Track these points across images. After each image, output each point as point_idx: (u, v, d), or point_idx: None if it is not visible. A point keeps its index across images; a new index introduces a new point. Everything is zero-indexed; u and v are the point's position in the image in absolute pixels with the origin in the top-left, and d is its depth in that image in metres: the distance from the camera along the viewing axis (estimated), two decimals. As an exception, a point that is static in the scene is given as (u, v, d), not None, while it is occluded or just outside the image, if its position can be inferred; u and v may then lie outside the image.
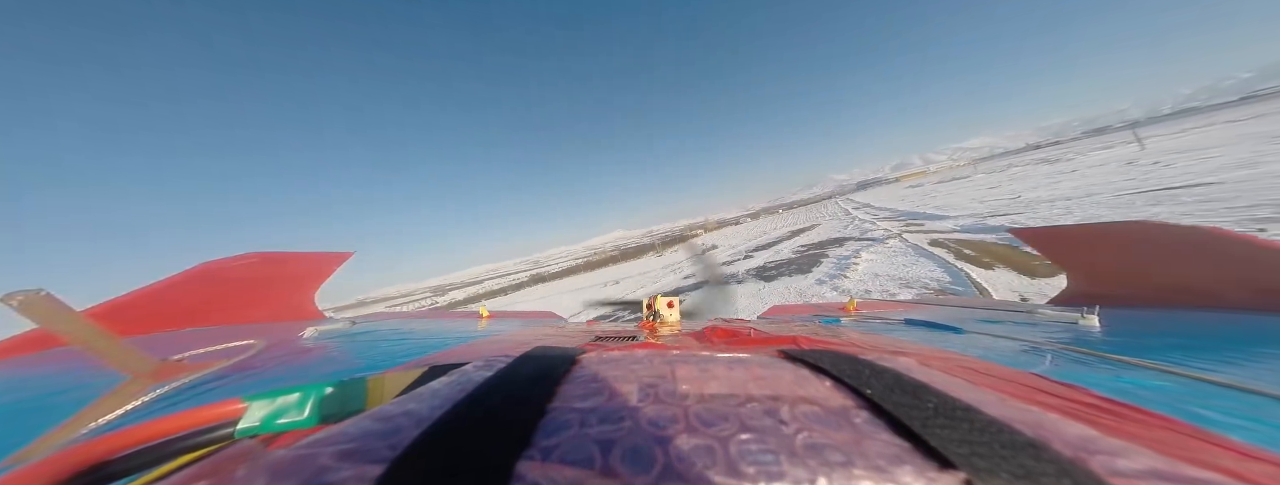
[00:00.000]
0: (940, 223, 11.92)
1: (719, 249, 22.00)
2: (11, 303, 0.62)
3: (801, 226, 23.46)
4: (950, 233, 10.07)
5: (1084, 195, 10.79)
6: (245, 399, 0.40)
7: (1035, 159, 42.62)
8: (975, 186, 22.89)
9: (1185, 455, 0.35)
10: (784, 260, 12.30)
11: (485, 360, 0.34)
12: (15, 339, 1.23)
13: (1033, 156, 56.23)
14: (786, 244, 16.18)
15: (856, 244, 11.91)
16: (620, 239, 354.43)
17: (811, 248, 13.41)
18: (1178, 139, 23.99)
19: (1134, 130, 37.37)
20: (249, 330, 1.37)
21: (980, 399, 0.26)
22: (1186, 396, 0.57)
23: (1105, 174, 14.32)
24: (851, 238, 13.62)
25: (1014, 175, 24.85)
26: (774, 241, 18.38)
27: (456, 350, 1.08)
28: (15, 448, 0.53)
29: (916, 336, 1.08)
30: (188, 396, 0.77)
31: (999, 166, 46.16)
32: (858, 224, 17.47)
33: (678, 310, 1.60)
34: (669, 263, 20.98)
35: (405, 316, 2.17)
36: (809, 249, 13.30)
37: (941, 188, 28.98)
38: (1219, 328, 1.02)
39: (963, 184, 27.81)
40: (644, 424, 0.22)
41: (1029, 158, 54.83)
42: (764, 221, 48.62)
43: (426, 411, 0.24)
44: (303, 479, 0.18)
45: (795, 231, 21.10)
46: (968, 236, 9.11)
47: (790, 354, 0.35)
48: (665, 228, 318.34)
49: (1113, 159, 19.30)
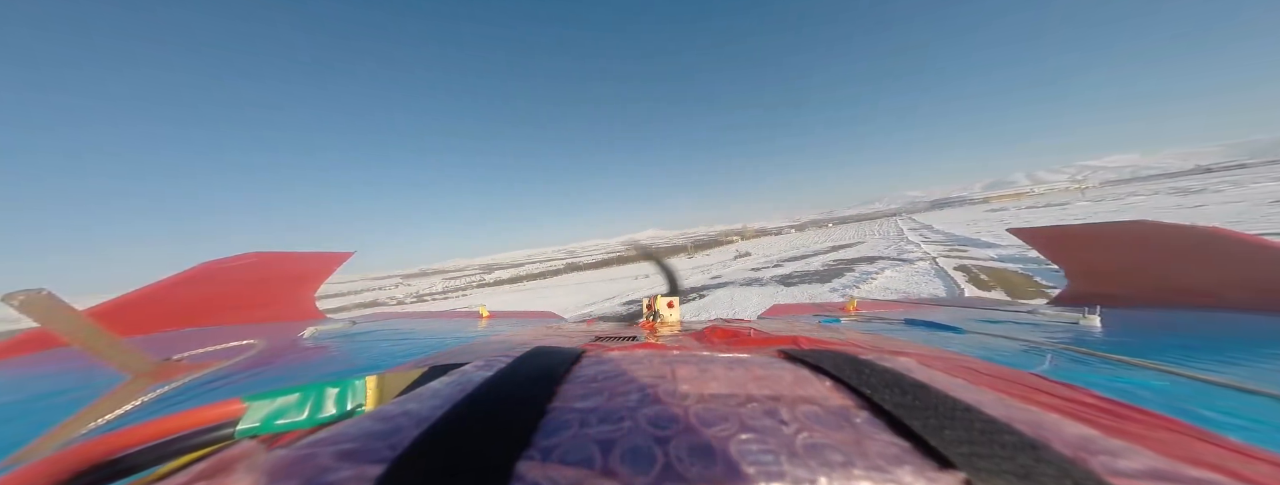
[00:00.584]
0: (984, 250, 11.74)
1: (752, 256, 22.13)
2: (12, 302, 0.62)
3: (843, 242, 23.04)
4: (984, 260, 10.06)
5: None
6: (245, 399, 0.40)
7: (1173, 188, 36.89)
8: (1067, 214, 21.03)
9: (1185, 455, 0.35)
10: (810, 270, 12.78)
11: (485, 360, 0.34)
12: (15, 339, 1.23)
13: (1175, 184, 47.70)
14: (819, 257, 16.35)
15: (886, 263, 12.05)
16: (653, 238, 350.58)
17: (842, 263, 13.62)
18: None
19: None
20: (249, 330, 1.37)
21: (980, 399, 0.26)
22: (1186, 396, 0.57)
23: (1234, 212, 12.47)
24: (886, 257, 13.58)
25: (1126, 205, 22.61)
26: (809, 254, 18.43)
27: (456, 350, 1.08)
28: (15, 448, 0.53)
29: (916, 336, 1.07)
30: (188, 396, 0.77)
31: (1122, 193, 41.44)
32: (900, 245, 17.09)
33: (678, 310, 1.60)
34: (698, 264, 21.24)
35: (405, 316, 2.17)
36: (839, 264, 13.48)
37: (1025, 214, 26.44)
38: (1219, 328, 1.02)
39: (1054, 211, 25.21)
40: (644, 424, 0.22)
41: (1167, 185, 47.72)
42: (808, 234, 47.25)
43: (426, 411, 0.24)
44: (303, 479, 0.18)
45: (835, 247, 20.88)
46: (998, 265, 9.20)
47: (790, 354, 0.35)
48: (701, 231, 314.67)
49: (1266, 195, 16.39)
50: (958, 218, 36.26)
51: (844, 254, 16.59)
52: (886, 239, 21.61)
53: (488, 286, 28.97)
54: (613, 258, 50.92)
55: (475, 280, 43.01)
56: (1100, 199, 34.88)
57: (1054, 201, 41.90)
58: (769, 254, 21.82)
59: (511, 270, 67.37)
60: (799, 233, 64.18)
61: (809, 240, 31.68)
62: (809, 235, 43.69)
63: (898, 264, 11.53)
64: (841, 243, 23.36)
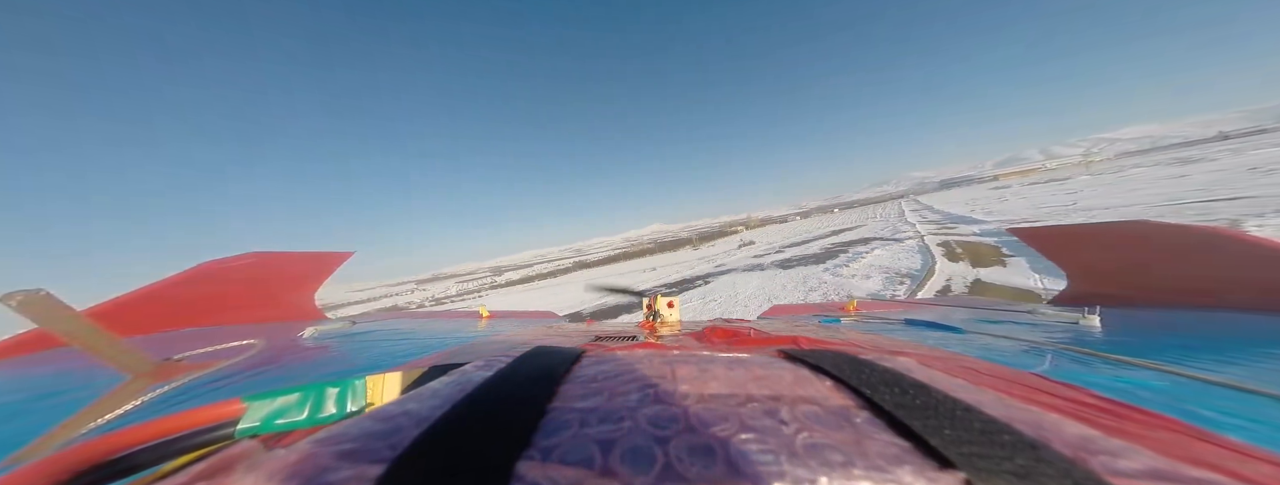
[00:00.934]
0: (970, 227, 12.73)
1: (755, 244, 23.04)
2: (11, 303, 0.62)
3: (845, 227, 23.65)
4: (965, 237, 11.08)
5: (1147, 204, 10.78)
6: (245, 399, 0.40)
7: (1176, 158, 36.65)
8: (1058, 191, 21.63)
9: (1185, 455, 0.35)
10: (809, 254, 13.94)
11: (485, 360, 0.34)
12: (15, 339, 1.23)
13: (1186, 153, 46.19)
14: (819, 242, 17.31)
15: (878, 243, 13.25)
16: (657, 233, 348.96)
17: (839, 245, 14.74)
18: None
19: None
20: (249, 330, 1.37)
21: (980, 399, 0.26)
22: (1186, 396, 0.57)
23: (1211, 181, 13.12)
24: (880, 238, 14.69)
25: (1122, 177, 22.98)
26: (810, 239, 19.43)
27: (456, 350, 1.08)
28: (15, 448, 0.53)
29: (916, 336, 1.07)
30: (188, 396, 0.76)
31: (1126, 165, 41.38)
32: (897, 225, 18.00)
33: (678, 310, 1.60)
34: (703, 255, 22.46)
35: (405, 316, 2.17)
36: (836, 246, 14.59)
37: (1026, 190, 27.21)
38: (1219, 328, 1.02)
39: (1051, 187, 25.87)
40: (644, 424, 0.22)
41: (1166, 156, 47.61)
42: (813, 221, 47.81)
43: (426, 411, 0.24)
44: (303, 479, 0.18)
45: (836, 231, 21.53)
46: (975, 240, 10.35)
47: (790, 354, 0.35)
48: (706, 223, 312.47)
49: (1249, 163, 17.07)
50: (959, 197, 37.01)
51: (844, 237, 17.59)
52: (885, 221, 22.36)
53: (501, 288, 29.43)
54: (619, 254, 52.67)
55: (487, 282, 43.89)
56: (1100, 172, 34.93)
57: (1058, 176, 41.65)
58: (772, 242, 22.78)
59: (521, 271, 68.63)
60: (804, 219, 64.47)
61: (812, 226, 32.36)
62: (813, 221, 44.13)
63: (889, 243, 12.63)
64: (843, 227, 24.03)
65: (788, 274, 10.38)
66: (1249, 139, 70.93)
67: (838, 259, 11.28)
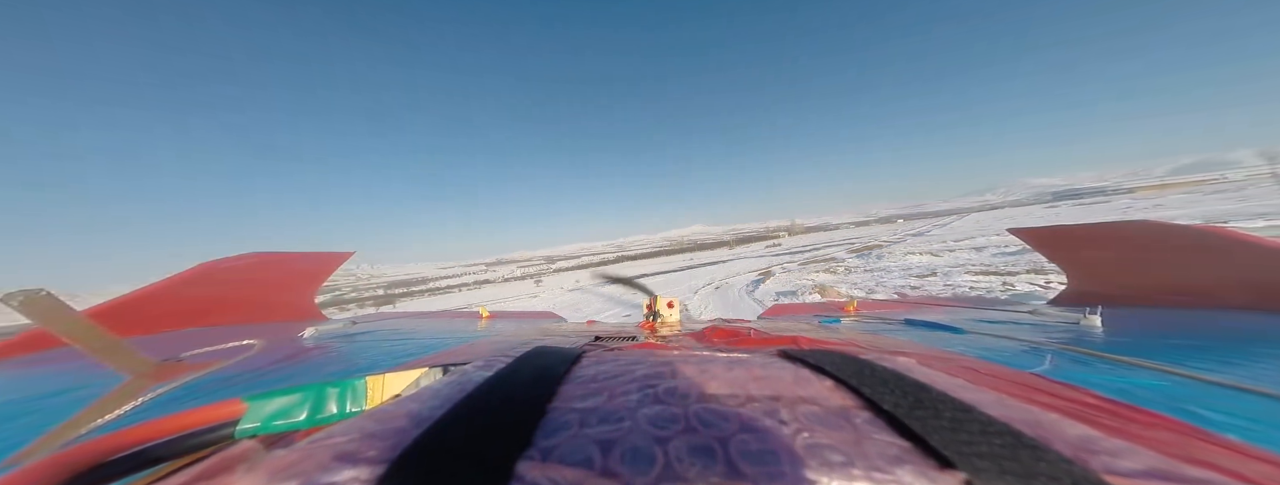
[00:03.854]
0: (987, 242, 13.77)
1: (780, 245, 27.00)
2: (11, 303, 0.62)
3: (876, 241, 22.35)
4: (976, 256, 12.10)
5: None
6: (245, 399, 0.40)
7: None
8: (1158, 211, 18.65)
9: (1185, 455, 0.35)
10: (810, 256, 16.72)
11: (485, 360, 0.34)
12: (15, 339, 1.23)
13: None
14: (836, 249, 19.11)
15: (883, 247, 15.62)
16: (698, 233, 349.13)
17: (848, 251, 16.92)
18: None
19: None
20: (249, 330, 1.37)
21: (980, 399, 0.26)
22: (1186, 396, 0.57)
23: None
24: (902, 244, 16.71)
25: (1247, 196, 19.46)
26: (833, 244, 21.67)
27: (456, 350, 1.08)
28: (15, 448, 0.53)
29: (916, 336, 1.08)
30: (188, 396, 0.76)
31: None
32: (939, 236, 19.11)
33: (678, 310, 1.60)
34: (736, 253, 25.79)
35: (405, 316, 2.17)
36: (843, 252, 16.92)
37: (1140, 203, 24.65)
38: (1219, 328, 1.02)
39: (1188, 207, 20.71)
40: (644, 424, 0.22)
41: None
42: (867, 228, 44.47)
43: (427, 412, 0.24)
44: (303, 479, 0.18)
45: (869, 246, 20.85)
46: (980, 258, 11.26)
47: (790, 354, 0.35)
48: (749, 227, 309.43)
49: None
50: (1056, 214, 30.02)
51: (866, 242, 19.89)
52: (938, 232, 22.19)
53: (558, 273, 33.16)
54: (659, 251, 61.25)
55: (544, 268, 50.69)
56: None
57: (1224, 187, 32.14)
58: (799, 246, 25.12)
59: (572, 261, 77.30)
60: (857, 228, 60.40)
61: (856, 234, 32.95)
62: (865, 229, 43.44)
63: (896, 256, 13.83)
64: (871, 240, 23.44)
65: (778, 260, 13.73)
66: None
67: (821, 260, 14.24)
